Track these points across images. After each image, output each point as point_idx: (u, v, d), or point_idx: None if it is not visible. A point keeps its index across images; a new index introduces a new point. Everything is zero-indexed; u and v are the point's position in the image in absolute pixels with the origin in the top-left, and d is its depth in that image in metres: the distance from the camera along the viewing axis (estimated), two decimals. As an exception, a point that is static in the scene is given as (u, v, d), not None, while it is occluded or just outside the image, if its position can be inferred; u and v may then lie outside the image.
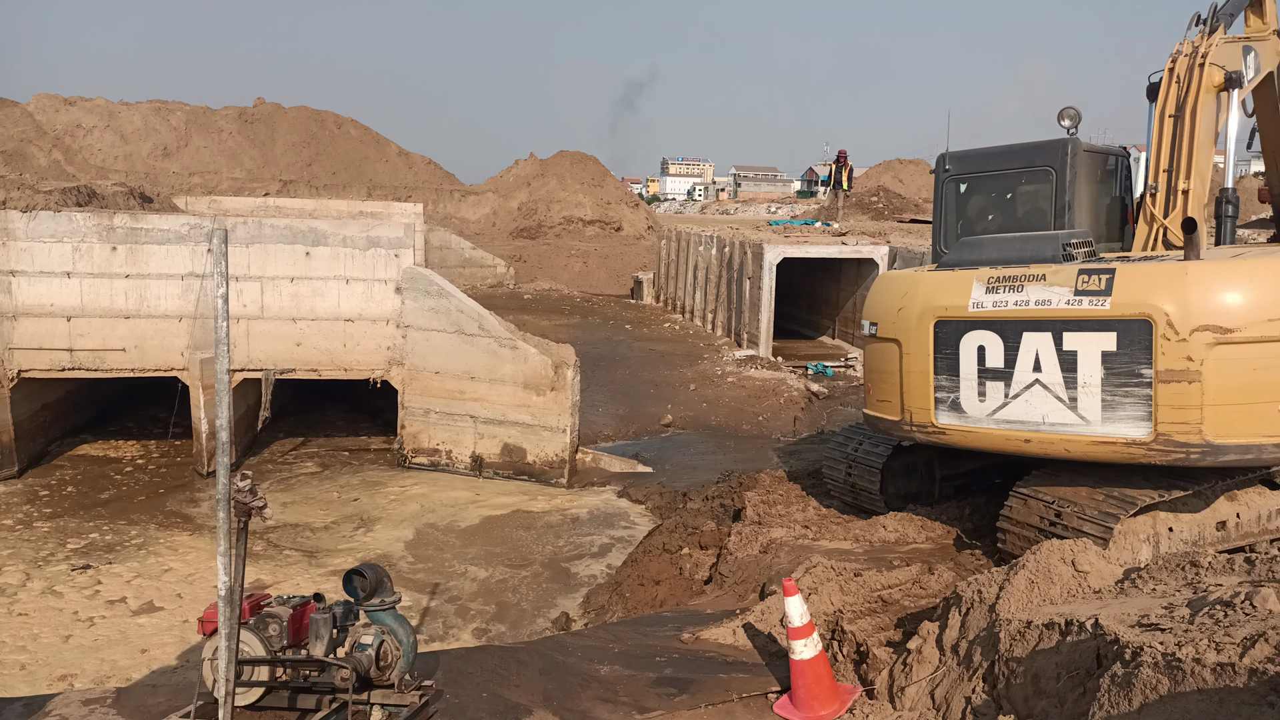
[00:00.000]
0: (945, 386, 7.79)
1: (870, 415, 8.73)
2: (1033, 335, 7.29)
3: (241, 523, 4.75)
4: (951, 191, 9.39)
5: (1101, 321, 6.96)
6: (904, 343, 8.02)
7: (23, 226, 13.33)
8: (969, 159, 9.26)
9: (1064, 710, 4.76)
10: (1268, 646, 3.86)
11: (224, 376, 4.62)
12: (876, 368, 8.54)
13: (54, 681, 8.06)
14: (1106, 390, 7.00)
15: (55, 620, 9.33)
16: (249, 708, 5.40)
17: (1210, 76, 8.35)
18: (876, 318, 8.43)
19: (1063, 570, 5.84)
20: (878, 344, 8.43)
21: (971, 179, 9.30)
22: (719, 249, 24.25)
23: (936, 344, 7.80)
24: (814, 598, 6.90)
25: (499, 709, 5.85)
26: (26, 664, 8.46)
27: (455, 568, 10.82)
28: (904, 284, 8.28)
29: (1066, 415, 7.18)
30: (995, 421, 7.55)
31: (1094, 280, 7.01)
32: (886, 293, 8.47)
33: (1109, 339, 6.96)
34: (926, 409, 7.93)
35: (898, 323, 8.09)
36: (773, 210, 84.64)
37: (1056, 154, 8.57)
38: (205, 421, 13.83)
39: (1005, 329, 7.42)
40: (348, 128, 47.00)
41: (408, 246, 14.13)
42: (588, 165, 45.66)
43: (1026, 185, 8.96)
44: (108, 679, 8.13)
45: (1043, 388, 7.27)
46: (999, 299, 7.45)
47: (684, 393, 18.39)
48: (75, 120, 41.17)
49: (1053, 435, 7.27)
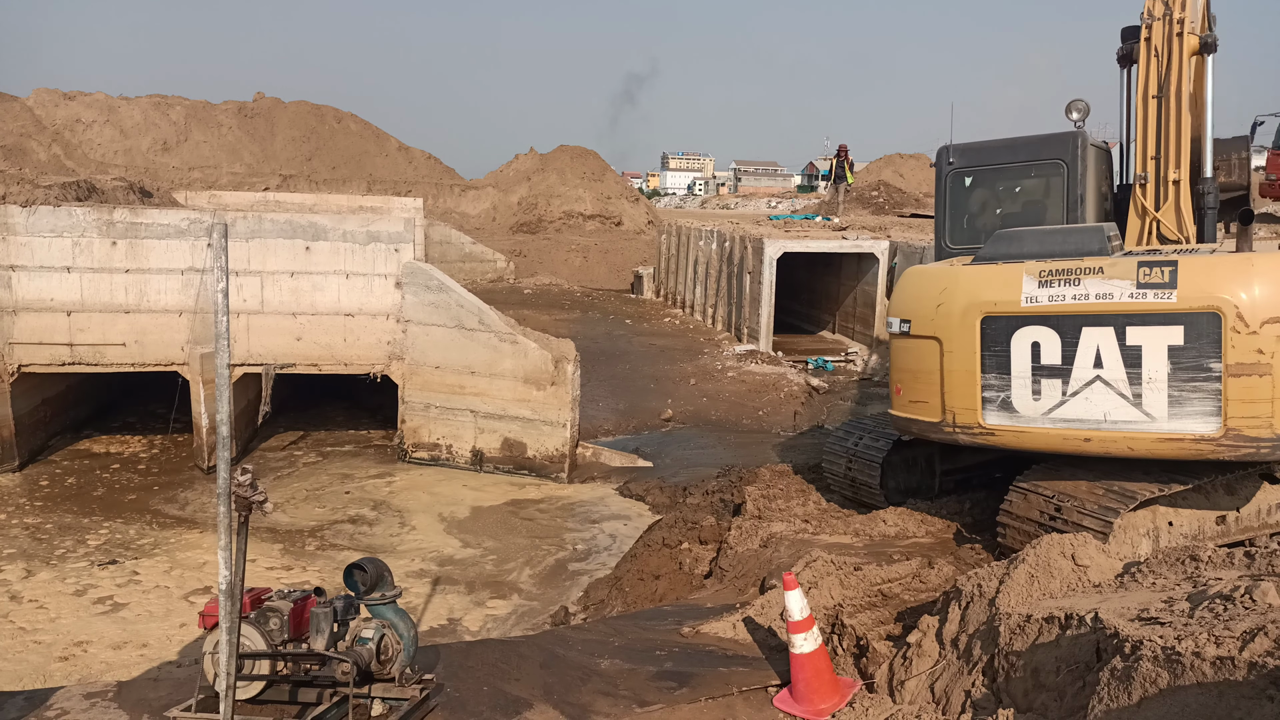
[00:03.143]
0: (994, 385, 7.52)
1: (900, 417, 8.38)
2: (1093, 330, 7.09)
3: (242, 517, 4.76)
4: (956, 185, 9.19)
5: (1168, 315, 6.80)
6: (945, 340, 7.72)
7: (22, 221, 13.32)
8: (973, 152, 9.07)
9: (1063, 704, 4.77)
10: (1267, 640, 3.87)
11: (224, 371, 4.62)
12: (909, 367, 8.17)
13: (59, 661, 8.07)
14: (1173, 385, 6.83)
15: (55, 617, 9.34)
16: (250, 701, 5.42)
17: (1189, 44, 8.09)
18: (909, 314, 8.07)
19: (1062, 564, 5.85)
20: (911, 342, 8.07)
21: (977, 172, 9.10)
22: (719, 244, 24.23)
23: (984, 341, 7.53)
24: (814, 592, 6.91)
25: (500, 702, 5.86)
26: (38, 643, 8.48)
27: (455, 562, 10.84)
28: (941, 279, 7.95)
29: (1130, 412, 7.00)
30: (1051, 421, 7.31)
31: (1156, 273, 6.84)
32: (920, 288, 8.13)
33: (1175, 333, 6.80)
34: (972, 409, 7.65)
35: (937, 319, 7.78)
36: (773, 205, 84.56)
37: (1067, 147, 8.43)
38: (206, 416, 13.84)
39: (1063, 324, 7.21)
40: (348, 122, 46.93)
41: (408, 241, 14.12)
42: (588, 160, 45.59)
43: (1035, 178, 8.80)
44: (107, 672, 8.16)
45: (1104, 384, 7.08)
46: (1054, 293, 7.22)
47: (684, 387, 18.38)
48: (75, 115, 41.09)
49: (1115, 433, 7.08)
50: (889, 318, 8.41)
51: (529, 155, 46.70)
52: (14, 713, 5.68)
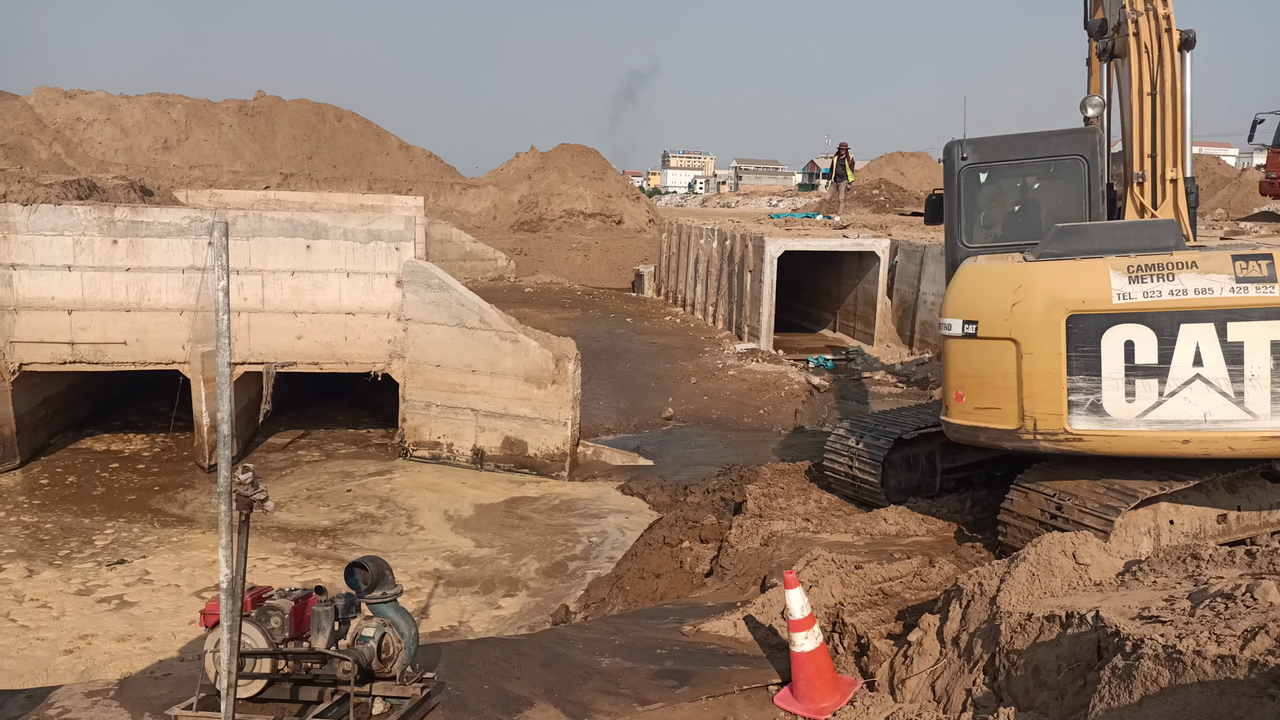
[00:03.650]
0: (1082, 388, 7.15)
1: (962, 426, 7.80)
2: (1192, 327, 6.85)
3: (243, 515, 4.76)
4: (971, 181, 8.82)
5: (1270, 309, 6.67)
6: (1023, 342, 7.28)
7: (23, 220, 13.32)
8: (989, 146, 8.76)
9: (1064, 702, 4.77)
10: (1268, 639, 3.87)
11: (225, 370, 4.62)
12: (976, 372, 7.63)
13: (64, 654, 8.08)
14: (1275, 382, 6.70)
15: (59, 615, 9.35)
16: (251, 700, 5.42)
17: (1176, 40, 8.00)
18: (976, 315, 7.54)
19: (1064, 563, 5.86)
20: (978, 344, 7.55)
21: (993, 168, 8.78)
22: (720, 242, 24.22)
23: (1070, 341, 7.14)
24: (815, 590, 6.91)
25: (500, 701, 5.86)
26: (40, 640, 8.48)
27: (456, 560, 10.84)
28: (1013, 276, 7.48)
29: (1232, 411, 6.81)
30: (1146, 423, 7.02)
31: (1254, 266, 6.71)
32: (987, 287, 7.63)
33: (1278, 328, 6.68)
34: (1057, 414, 7.24)
35: (1013, 320, 7.32)
36: (774, 203, 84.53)
37: (1086, 142, 8.32)
38: (207, 415, 13.84)
39: (1159, 322, 6.93)
40: (348, 121, 46.93)
41: (409, 240, 14.12)
42: (589, 158, 45.57)
43: (1055, 174, 8.61)
44: (110, 663, 8.18)
45: (1204, 383, 6.86)
46: (1149, 289, 6.94)
47: (685, 386, 18.38)
48: (75, 113, 41.11)
49: (1215, 433, 6.87)
50: (944, 319, 7.81)
51: (530, 154, 46.69)
52: (15, 711, 5.68)
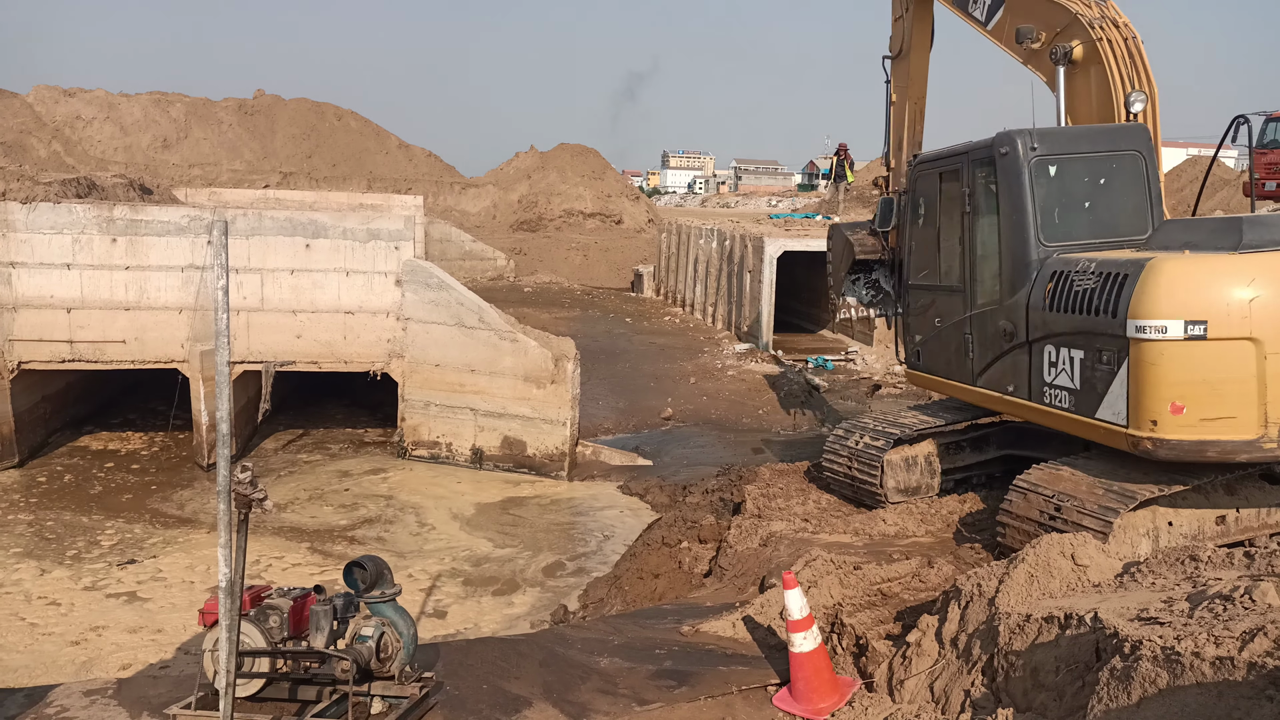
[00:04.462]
0: None
1: (1184, 442, 6.98)
2: None
3: (242, 514, 4.76)
4: (1041, 174, 8.31)
5: None
6: (1266, 341, 6.73)
7: (22, 218, 13.32)
8: (1054, 139, 8.45)
9: (1063, 703, 4.78)
10: (1266, 640, 3.87)
11: (224, 369, 4.62)
12: (1204, 378, 6.90)
13: (71, 645, 8.08)
14: None
15: (66, 612, 9.34)
16: (250, 699, 5.42)
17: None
18: (1203, 315, 6.80)
19: (1062, 564, 5.86)
20: (1207, 346, 6.85)
21: (1060, 160, 8.40)
22: (719, 242, 24.22)
23: None
24: (813, 591, 6.91)
25: (499, 701, 5.86)
26: (48, 635, 8.48)
27: (455, 559, 10.84)
28: (1241, 270, 6.83)
29: None
30: None
31: None
32: (1208, 283, 6.91)
33: None
34: None
35: (1253, 318, 6.72)
36: (773, 203, 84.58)
37: (1140, 139, 8.30)
38: (206, 413, 13.84)
39: None
40: (348, 120, 46.88)
41: (408, 239, 14.12)
42: (588, 158, 45.56)
43: (1116, 169, 8.44)
44: (117, 653, 8.18)
45: None
46: None
47: (684, 386, 18.39)
48: (75, 112, 41.07)
49: None
50: (1147, 321, 6.94)
51: (529, 153, 46.66)
52: (14, 710, 5.68)
